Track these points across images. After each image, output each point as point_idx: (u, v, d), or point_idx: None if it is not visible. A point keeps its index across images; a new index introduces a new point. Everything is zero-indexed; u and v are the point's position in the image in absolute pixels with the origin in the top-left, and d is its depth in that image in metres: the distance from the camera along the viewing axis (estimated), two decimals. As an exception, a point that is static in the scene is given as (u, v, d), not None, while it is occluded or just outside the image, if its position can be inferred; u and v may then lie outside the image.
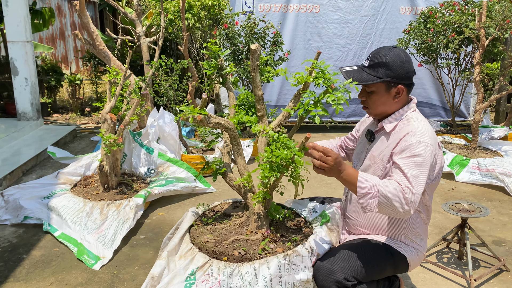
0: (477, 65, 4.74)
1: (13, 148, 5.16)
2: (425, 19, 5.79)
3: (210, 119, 1.95)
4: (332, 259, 1.94)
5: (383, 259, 2.00)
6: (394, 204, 1.77)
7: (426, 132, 1.91)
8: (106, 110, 3.60)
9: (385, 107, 2.03)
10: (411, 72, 2.00)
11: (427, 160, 1.86)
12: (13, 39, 6.06)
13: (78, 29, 12.76)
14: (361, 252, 1.98)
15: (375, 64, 1.98)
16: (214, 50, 2.23)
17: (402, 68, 1.96)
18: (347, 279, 1.87)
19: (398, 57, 1.97)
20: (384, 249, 2.03)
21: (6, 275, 2.69)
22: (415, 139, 1.88)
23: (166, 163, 4.08)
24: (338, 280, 1.86)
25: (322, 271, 1.91)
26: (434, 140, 1.93)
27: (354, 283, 1.89)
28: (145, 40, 5.20)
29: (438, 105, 7.08)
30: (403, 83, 1.98)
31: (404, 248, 2.06)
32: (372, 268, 1.95)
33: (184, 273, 1.93)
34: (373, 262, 1.96)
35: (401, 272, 2.12)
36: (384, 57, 1.96)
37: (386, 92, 1.99)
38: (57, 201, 3.35)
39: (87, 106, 8.57)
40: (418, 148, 1.86)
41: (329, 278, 1.88)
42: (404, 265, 2.07)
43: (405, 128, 1.96)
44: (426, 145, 1.87)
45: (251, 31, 5.41)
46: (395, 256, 2.03)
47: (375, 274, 1.98)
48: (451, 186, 4.37)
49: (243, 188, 2.16)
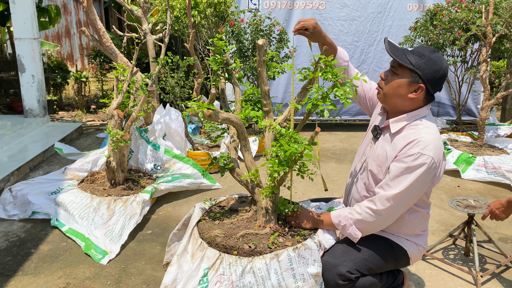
0: (484, 63, 4.72)
1: (20, 145, 5.20)
2: (432, 16, 5.77)
3: (218, 114, 1.96)
4: (333, 253, 1.98)
5: (384, 252, 2.02)
6: (369, 221, 1.93)
7: (430, 144, 1.85)
8: (113, 107, 3.62)
9: (397, 98, 1.94)
10: (439, 84, 1.92)
11: (423, 174, 1.84)
12: (20, 36, 6.09)
13: (84, 26, 12.81)
14: (361, 246, 2.00)
15: (416, 52, 1.91)
16: (220, 46, 2.24)
17: (434, 71, 1.88)
18: (350, 272, 1.90)
19: (437, 60, 1.89)
20: (384, 242, 2.05)
21: (14, 269, 2.72)
22: (417, 150, 1.83)
23: (172, 160, 4.10)
24: (341, 273, 1.89)
25: (325, 265, 1.93)
26: (439, 151, 1.87)
27: (358, 275, 1.92)
28: (151, 38, 5.21)
29: (447, 104, 7.03)
30: (427, 85, 1.90)
31: (404, 242, 2.07)
32: (373, 260, 1.98)
33: (197, 275, 1.92)
34: (374, 255, 1.99)
35: (403, 266, 2.14)
36: (426, 51, 1.90)
37: (408, 83, 1.90)
38: (65, 196, 3.38)
39: (93, 104, 8.61)
40: (418, 160, 1.83)
41: (332, 271, 1.91)
42: (405, 259, 2.09)
43: (410, 135, 1.89)
44: (427, 158, 1.83)
45: (257, 28, 5.41)
46: (395, 249, 2.05)
47: (377, 266, 2.00)
48: (457, 184, 4.36)
49: (250, 183, 2.17)
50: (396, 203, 1.88)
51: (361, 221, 1.94)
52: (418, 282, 2.58)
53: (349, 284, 1.90)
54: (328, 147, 5.83)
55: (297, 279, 1.86)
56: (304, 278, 1.86)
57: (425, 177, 1.86)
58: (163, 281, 1.99)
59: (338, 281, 1.89)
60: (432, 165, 1.84)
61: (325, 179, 4.44)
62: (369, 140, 2.16)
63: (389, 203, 1.88)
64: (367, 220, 1.93)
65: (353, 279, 1.90)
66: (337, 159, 5.24)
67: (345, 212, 1.99)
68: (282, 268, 1.86)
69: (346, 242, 2.04)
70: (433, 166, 1.85)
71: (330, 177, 4.50)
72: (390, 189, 1.88)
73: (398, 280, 2.18)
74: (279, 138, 2.04)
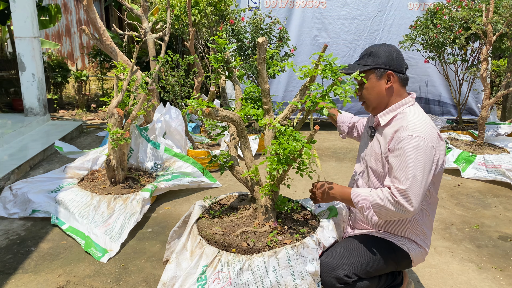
0: (484, 61, 4.72)
1: (21, 143, 5.20)
2: (432, 15, 5.76)
3: (218, 112, 1.96)
4: (333, 255, 1.96)
5: (385, 255, 1.99)
6: (390, 208, 1.84)
7: (419, 125, 1.86)
8: (113, 105, 3.62)
9: (379, 98, 2.01)
10: (400, 62, 2.00)
11: (421, 154, 1.82)
12: (21, 35, 6.10)
13: (84, 25, 12.81)
14: (362, 249, 1.98)
15: (364, 55, 2.05)
16: (220, 44, 2.24)
17: (389, 55, 1.98)
18: (348, 276, 1.89)
19: (385, 48, 2.02)
20: (386, 245, 2.03)
21: (15, 267, 2.72)
22: (407, 133, 1.85)
23: (172, 158, 4.10)
24: (339, 277, 1.89)
25: (323, 266, 1.93)
26: (430, 131, 1.87)
27: (355, 279, 1.91)
28: (151, 36, 5.21)
29: (448, 103, 7.01)
30: (393, 70, 1.98)
31: (407, 245, 2.04)
32: (373, 264, 1.96)
33: (195, 272, 1.93)
34: (374, 259, 1.97)
35: (404, 268, 2.13)
36: (372, 49, 2.03)
37: (377, 80, 1.99)
38: (65, 194, 3.38)
39: (93, 102, 8.61)
40: (410, 143, 1.83)
41: (330, 274, 1.90)
42: (406, 261, 2.07)
43: (398, 122, 1.93)
44: (419, 139, 1.83)
45: (257, 27, 5.41)
46: (397, 253, 2.03)
47: (377, 270, 1.98)
48: (457, 182, 4.36)
49: (250, 181, 2.17)
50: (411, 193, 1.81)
51: (380, 206, 1.86)
52: (417, 281, 2.58)
53: (346, 287, 1.90)
54: (328, 145, 5.83)
55: (295, 277, 1.86)
56: (303, 276, 1.86)
57: (426, 158, 1.83)
58: (162, 278, 1.99)
59: (335, 283, 1.89)
60: (427, 145, 1.83)
61: (326, 177, 4.44)
62: (366, 140, 2.17)
63: (406, 197, 1.81)
64: (386, 207, 1.85)
65: (350, 283, 1.90)
66: (337, 157, 5.24)
67: (366, 193, 1.91)
68: (281, 266, 1.86)
69: (347, 243, 2.03)
70: (429, 147, 1.83)
71: (330, 176, 4.50)
72: (401, 182, 1.82)
73: (397, 280, 2.17)
74: (279, 136, 2.04)
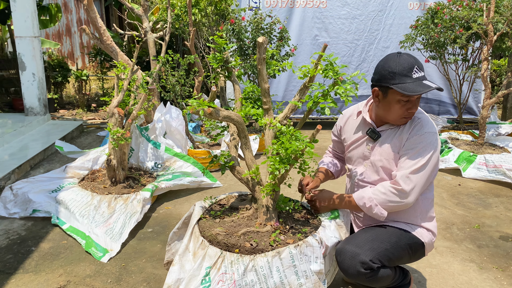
0: (485, 61, 4.71)
1: (21, 143, 5.20)
2: (433, 14, 5.76)
3: (219, 112, 1.96)
4: (355, 241, 1.99)
5: (404, 243, 2.05)
6: (394, 199, 1.98)
7: (429, 122, 2.05)
8: (114, 105, 3.61)
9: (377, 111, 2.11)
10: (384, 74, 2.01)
11: (431, 149, 1.98)
12: (21, 35, 6.09)
13: (85, 25, 12.81)
14: (384, 235, 2.03)
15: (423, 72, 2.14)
16: (220, 43, 2.23)
17: (377, 72, 2.06)
18: (373, 261, 1.91)
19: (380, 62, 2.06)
20: (404, 233, 2.08)
21: (15, 267, 2.72)
22: (423, 131, 2.01)
23: (173, 158, 4.10)
24: (364, 261, 1.90)
25: (346, 253, 1.95)
26: (434, 125, 2.07)
27: (379, 266, 1.93)
28: (152, 36, 5.21)
29: (448, 102, 7.02)
30: (378, 84, 2.04)
31: (421, 233, 2.11)
32: (394, 251, 2.00)
33: (199, 274, 1.92)
34: (396, 246, 2.01)
35: (417, 259, 2.17)
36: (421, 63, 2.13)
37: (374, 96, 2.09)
38: (65, 194, 3.38)
39: (93, 102, 8.61)
40: (425, 139, 1.99)
41: (354, 259, 1.91)
42: (421, 251, 2.13)
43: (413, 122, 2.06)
44: (433, 134, 2.00)
45: (257, 27, 5.40)
46: (413, 241, 2.08)
47: (397, 258, 2.02)
48: (458, 182, 4.35)
49: (251, 181, 2.17)
50: (416, 178, 1.96)
51: (386, 200, 1.99)
52: (418, 281, 2.58)
53: (370, 273, 1.92)
54: (329, 145, 5.82)
55: (299, 276, 1.86)
56: (307, 275, 1.86)
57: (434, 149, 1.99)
58: (166, 281, 1.98)
59: (360, 269, 1.90)
60: (437, 138, 2.02)
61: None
62: (366, 142, 2.19)
63: (410, 180, 1.96)
64: (392, 199, 1.98)
65: (375, 269, 1.92)
66: (338, 157, 5.23)
67: (368, 194, 2.04)
68: (284, 266, 1.86)
69: (366, 231, 2.08)
70: (437, 139, 2.02)
71: (330, 176, 4.50)
72: (407, 168, 1.98)
73: (407, 279, 2.20)
74: (279, 136, 2.04)
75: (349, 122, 2.30)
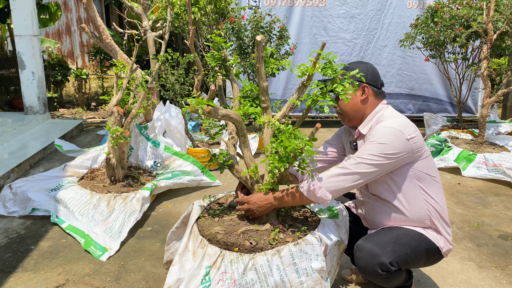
0: (485, 60, 4.71)
1: (20, 142, 5.20)
2: (433, 13, 5.75)
3: (218, 110, 1.95)
4: (376, 241, 1.96)
5: (423, 248, 2.01)
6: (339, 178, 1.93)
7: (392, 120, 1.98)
8: (113, 103, 3.61)
9: (355, 108, 2.08)
10: (375, 77, 2.09)
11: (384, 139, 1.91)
12: (20, 33, 6.09)
13: (84, 23, 12.81)
14: (405, 239, 1.99)
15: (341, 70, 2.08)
16: (217, 42, 2.23)
17: (364, 69, 2.05)
18: (392, 264, 1.89)
19: (362, 65, 2.07)
20: (422, 238, 2.03)
21: (14, 266, 2.72)
22: (381, 125, 1.97)
23: (172, 157, 4.09)
24: (384, 263, 1.88)
25: (366, 251, 1.93)
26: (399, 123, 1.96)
27: (396, 269, 1.92)
28: (151, 35, 5.21)
29: (445, 100, 7.04)
30: (367, 83, 2.05)
31: (436, 238, 2.05)
32: (413, 256, 1.97)
33: (199, 273, 1.91)
34: (415, 251, 1.98)
35: (433, 264, 2.13)
36: (350, 65, 2.11)
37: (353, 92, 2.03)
38: (65, 193, 3.38)
39: (93, 101, 8.61)
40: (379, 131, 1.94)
41: (374, 259, 1.90)
42: (436, 256, 2.07)
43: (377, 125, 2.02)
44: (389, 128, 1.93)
45: (257, 25, 5.40)
46: (431, 247, 2.03)
47: (414, 263, 2.00)
48: (458, 181, 4.35)
49: (250, 179, 2.17)
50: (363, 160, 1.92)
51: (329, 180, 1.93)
52: (418, 279, 2.58)
53: (387, 274, 1.91)
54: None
55: (300, 274, 1.85)
56: (308, 272, 1.86)
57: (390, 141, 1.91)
58: (166, 281, 1.98)
59: (377, 270, 1.89)
60: (396, 132, 1.92)
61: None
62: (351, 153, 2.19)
63: (357, 161, 1.93)
64: (336, 178, 1.93)
65: (392, 271, 1.90)
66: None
67: (309, 179, 1.97)
68: (284, 264, 1.86)
69: (388, 232, 2.03)
70: (397, 133, 1.92)
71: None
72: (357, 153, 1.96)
73: (411, 280, 2.18)
74: (278, 134, 2.04)
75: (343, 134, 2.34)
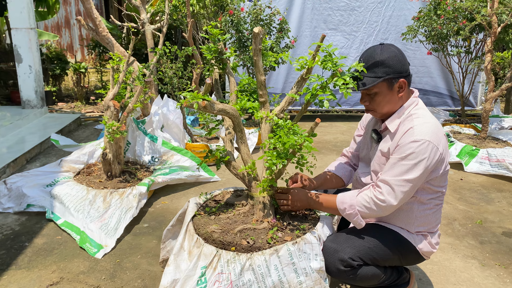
0: (489, 53, 4.62)
1: (17, 136, 5.14)
2: (435, 5, 5.66)
3: (214, 105, 1.88)
4: (336, 239, 1.96)
5: (391, 244, 1.98)
6: (375, 209, 1.90)
7: (424, 129, 1.86)
8: (109, 97, 3.54)
9: (391, 105, 1.98)
10: (406, 63, 1.98)
11: (419, 158, 1.82)
12: (17, 26, 6.00)
13: (83, 17, 12.70)
14: (368, 234, 1.98)
15: (371, 65, 1.93)
16: (214, 34, 2.15)
17: (398, 62, 1.93)
18: (352, 258, 1.88)
19: (391, 53, 1.93)
20: (392, 235, 2.01)
21: (8, 263, 2.66)
22: (412, 138, 1.84)
23: (170, 152, 4.03)
24: (343, 259, 1.87)
25: (326, 250, 1.92)
26: (435, 135, 1.86)
27: (360, 263, 1.90)
28: (150, 27, 5.12)
29: (445, 93, 6.97)
30: (403, 75, 1.94)
31: (414, 238, 2.02)
32: (378, 251, 1.95)
33: (194, 274, 1.86)
34: (379, 245, 1.96)
35: (412, 264, 2.10)
36: (377, 56, 1.93)
37: (389, 90, 1.94)
38: (60, 189, 3.32)
39: (92, 95, 8.53)
40: (412, 148, 1.83)
41: (333, 256, 1.89)
42: (413, 256, 2.05)
43: (405, 126, 1.92)
44: (424, 142, 1.82)
45: (256, 18, 5.31)
46: (403, 244, 2.00)
47: (382, 258, 1.96)
48: (460, 177, 4.29)
49: (247, 176, 2.10)
50: (399, 189, 1.85)
51: (367, 209, 1.92)
52: (419, 278, 2.52)
53: (351, 271, 1.88)
54: (329, 139, 5.76)
55: (299, 274, 1.80)
56: (307, 272, 1.80)
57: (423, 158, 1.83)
58: (161, 282, 1.92)
59: (339, 266, 1.87)
60: (432, 148, 1.83)
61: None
62: (368, 145, 2.16)
63: (394, 192, 1.86)
64: (373, 208, 1.91)
65: (355, 266, 1.88)
66: (338, 151, 5.16)
67: (350, 200, 1.95)
68: (283, 264, 1.81)
69: (350, 230, 2.04)
70: (433, 149, 1.83)
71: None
72: (392, 176, 1.86)
73: (404, 279, 2.13)
74: (276, 129, 1.97)
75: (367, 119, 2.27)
